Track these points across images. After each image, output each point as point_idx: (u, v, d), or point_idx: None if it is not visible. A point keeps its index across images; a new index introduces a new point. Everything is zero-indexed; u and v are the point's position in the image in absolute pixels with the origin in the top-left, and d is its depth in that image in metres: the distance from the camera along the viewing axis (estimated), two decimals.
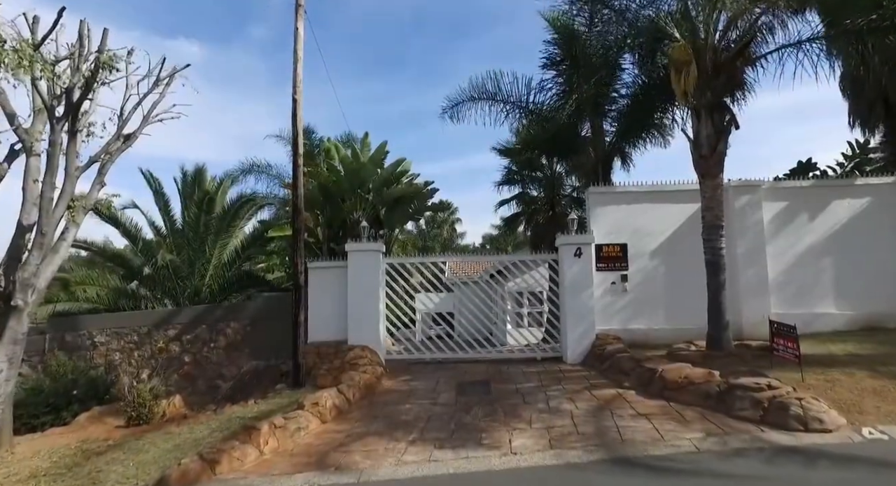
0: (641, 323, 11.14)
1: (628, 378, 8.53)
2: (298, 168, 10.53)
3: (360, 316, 11.29)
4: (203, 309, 11.83)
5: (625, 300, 11.25)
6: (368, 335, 11.22)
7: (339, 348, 11.18)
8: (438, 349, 11.87)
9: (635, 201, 11.42)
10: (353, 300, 11.35)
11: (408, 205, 12.25)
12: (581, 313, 10.96)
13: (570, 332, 10.96)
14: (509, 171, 18.33)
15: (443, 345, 12.01)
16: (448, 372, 10.84)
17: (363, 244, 11.46)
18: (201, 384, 11.30)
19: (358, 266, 11.43)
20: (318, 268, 11.81)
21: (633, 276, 11.31)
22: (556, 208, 17.63)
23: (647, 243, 11.33)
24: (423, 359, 11.88)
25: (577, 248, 11.12)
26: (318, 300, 11.71)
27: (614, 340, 10.65)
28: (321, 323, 11.62)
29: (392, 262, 11.96)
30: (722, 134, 9.09)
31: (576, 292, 11.03)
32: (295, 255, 10.50)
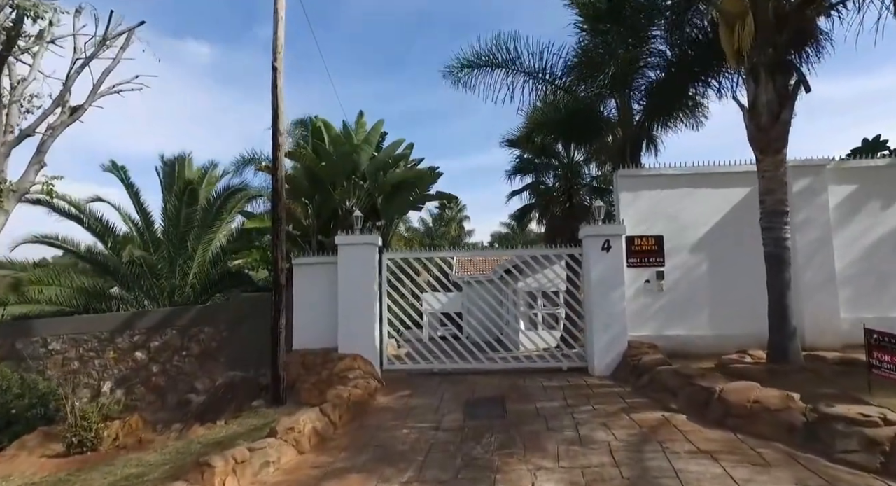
0: (680, 329, 9.51)
1: (675, 399, 6.92)
2: (279, 148, 9.02)
3: (352, 320, 9.76)
4: (172, 311, 10.37)
5: (661, 302, 9.63)
6: (362, 342, 9.69)
7: (328, 358, 9.65)
8: (448, 357, 10.34)
9: (672, 186, 9.79)
10: (343, 302, 9.83)
11: (408, 192, 10.74)
12: (610, 317, 9.35)
13: (596, 339, 9.36)
14: (521, 159, 16.73)
15: (451, 351, 10.46)
16: (455, 386, 9.29)
17: (356, 237, 9.93)
18: (171, 399, 9.84)
19: (349, 262, 9.90)
20: (304, 264, 10.30)
21: (671, 273, 9.68)
22: (573, 199, 16.03)
23: (687, 234, 9.70)
24: (426, 370, 10.33)
25: (606, 240, 9.50)
26: (304, 302, 10.21)
27: (649, 348, 9.04)
28: (308, 328, 10.12)
29: (394, 257, 10.44)
30: (787, 99, 7.44)
31: (604, 291, 9.42)
32: (275, 249, 9.00)
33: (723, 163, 9.68)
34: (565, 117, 13.67)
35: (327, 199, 10.66)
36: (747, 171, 9.21)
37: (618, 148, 11.47)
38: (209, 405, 9.36)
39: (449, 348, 10.46)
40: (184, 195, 13.00)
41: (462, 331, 27.13)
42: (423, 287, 10.69)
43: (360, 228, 10.08)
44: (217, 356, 10.10)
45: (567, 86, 12.17)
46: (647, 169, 9.98)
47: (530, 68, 11.82)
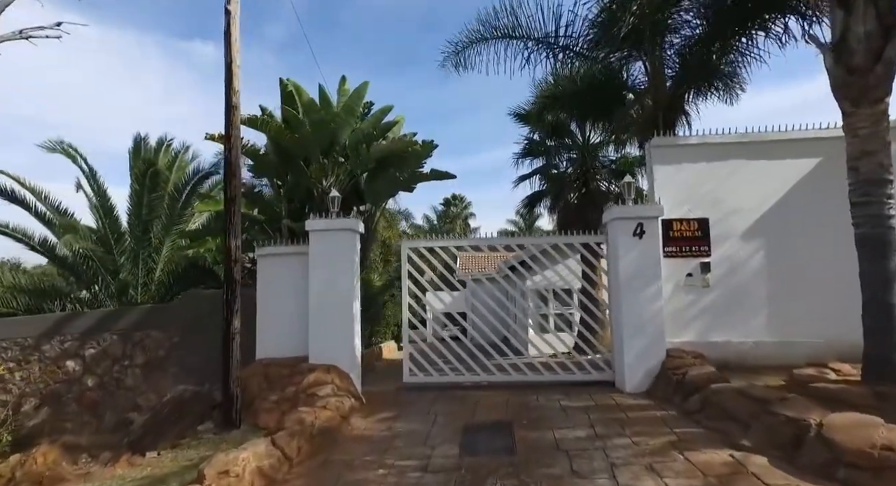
0: (731, 334, 7.66)
1: (745, 431, 5.08)
2: (233, 111, 7.28)
3: (326, 323, 8.01)
4: (112, 313, 8.63)
5: (706, 301, 7.79)
6: (337, 351, 7.94)
7: (296, 369, 7.89)
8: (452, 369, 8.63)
9: (720, 157, 7.94)
10: (315, 301, 8.07)
11: (397, 169, 8.96)
12: (644, 319, 7.52)
13: (627, 346, 7.54)
14: (530, 141, 14.88)
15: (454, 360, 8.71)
16: (451, 404, 7.50)
17: (331, 221, 8.17)
18: (109, 418, 8.12)
19: (323, 252, 8.14)
20: (270, 255, 8.55)
21: (718, 265, 7.84)
22: (590, 185, 14.16)
23: (739, 216, 7.85)
24: (421, 383, 8.58)
25: (638, 224, 7.67)
26: (269, 300, 8.46)
27: (695, 359, 7.20)
28: (274, 333, 8.38)
29: (416, 246, 8.88)
30: (894, 30, 5.57)
31: (635, 287, 7.60)
32: (228, 235, 7.25)
33: (785, 128, 7.80)
34: (583, 89, 11.87)
35: (300, 178, 8.91)
36: (818, 137, 7.38)
37: (648, 118, 9.61)
38: (151, 428, 7.63)
39: (454, 358, 8.71)
40: (144, 178, 11.28)
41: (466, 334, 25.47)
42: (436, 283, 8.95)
43: (338, 211, 8.32)
44: (166, 367, 8.37)
45: (585, 49, 10.33)
46: (689, 137, 8.13)
47: (542, 34, 10.00)
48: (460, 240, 8.87)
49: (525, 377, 8.59)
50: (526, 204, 15.19)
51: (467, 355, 8.79)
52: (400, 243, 9.01)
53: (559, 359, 8.64)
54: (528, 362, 8.70)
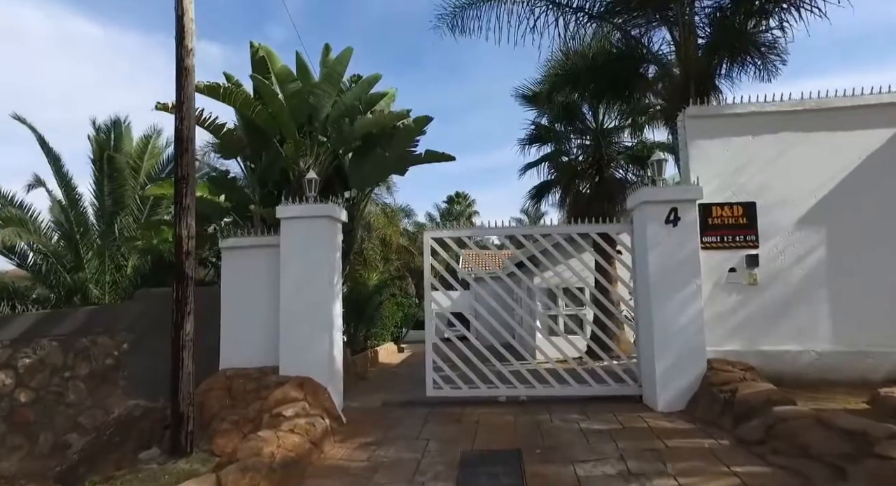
0: (787, 341, 6.34)
1: (839, 477, 3.79)
2: (186, 74, 6.05)
3: (298, 328, 6.77)
4: (51, 315, 7.36)
5: (754, 301, 6.49)
6: (311, 360, 6.70)
7: (263, 383, 6.65)
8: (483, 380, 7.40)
9: (771, 129, 6.62)
10: (287, 301, 6.84)
11: (385, 148, 7.67)
12: (679, 324, 6.24)
13: (658, 355, 6.25)
14: (538, 126, 13.57)
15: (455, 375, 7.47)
16: (447, 425, 6.24)
17: (306, 207, 6.93)
18: (45, 441, 6.89)
19: (296, 243, 6.90)
20: (236, 248, 7.31)
21: (769, 258, 6.54)
22: (604, 173, 12.87)
23: (795, 200, 6.54)
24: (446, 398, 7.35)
25: (671, 209, 6.39)
26: (235, 300, 7.23)
27: (744, 371, 5.90)
28: (241, 339, 7.14)
29: (440, 235, 7.70)
30: None
31: (669, 285, 6.32)
32: (178, 222, 6.01)
33: (853, 92, 6.46)
34: (598, 64, 10.59)
35: (274, 159, 7.66)
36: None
37: (676, 91, 8.30)
38: (90, 453, 6.40)
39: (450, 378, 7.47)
40: (101, 164, 10.08)
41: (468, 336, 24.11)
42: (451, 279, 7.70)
43: (315, 196, 7.07)
44: (114, 379, 7.13)
45: (602, 12, 9.06)
46: (733, 105, 6.81)
47: None
48: (485, 229, 7.64)
49: (536, 392, 7.31)
50: (533, 195, 13.88)
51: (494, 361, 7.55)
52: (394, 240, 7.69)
53: (575, 365, 7.35)
54: (534, 373, 7.41)
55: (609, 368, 7.43)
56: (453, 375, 7.48)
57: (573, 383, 7.29)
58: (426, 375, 7.53)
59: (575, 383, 7.29)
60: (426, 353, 7.58)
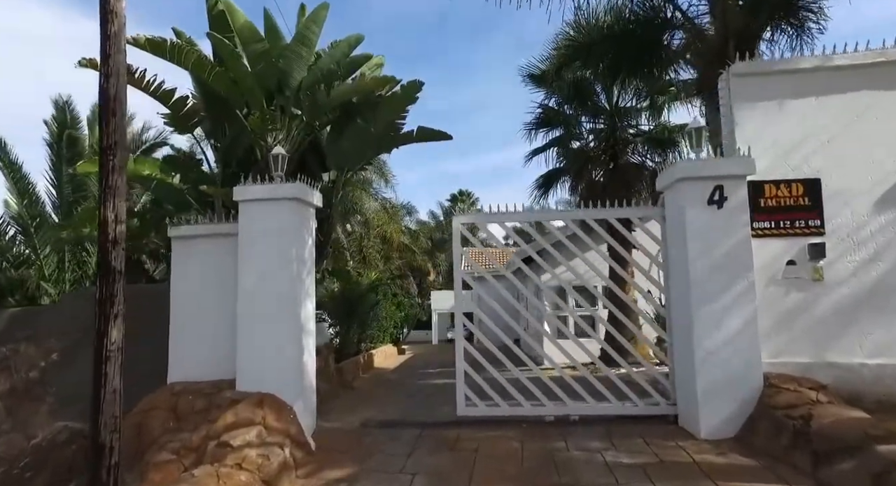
0: (867, 352, 5.07)
1: None
2: (112, 19, 4.86)
3: (259, 334, 5.58)
4: None
5: (821, 302, 5.22)
6: (274, 373, 5.51)
7: (214, 401, 5.46)
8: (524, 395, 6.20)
9: (838, 88, 5.36)
10: (246, 302, 5.65)
11: (368, 120, 6.44)
12: (726, 331, 5.01)
13: (700, 369, 5.02)
14: (545, 109, 12.30)
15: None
16: (438, 455, 5.03)
17: (270, 187, 5.74)
18: None
19: (258, 232, 5.72)
20: (188, 238, 6.13)
21: (838, 249, 5.27)
22: (619, 159, 11.60)
23: (871, 176, 5.27)
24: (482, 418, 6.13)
25: (717, 188, 5.16)
26: (187, 301, 6.06)
27: (814, 390, 4.65)
28: (193, 346, 5.98)
29: (469, 221, 6.62)
30: None
31: (713, 282, 5.09)
32: (103, 202, 4.82)
33: None
34: (615, 33, 9.39)
35: (239, 134, 6.46)
36: None
37: (711, 54, 7.03)
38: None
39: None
40: (60, 145, 8.94)
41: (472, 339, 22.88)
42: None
43: (282, 176, 5.88)
44: (40, 395, 5.96)
45: None
46: (789, 60, 5.55)
47: None
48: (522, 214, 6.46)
49: (547, 411, 6.09)
50: (540, 184, 12.61)
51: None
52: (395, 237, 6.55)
53: (587, 373, 6.11)
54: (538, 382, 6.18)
55: (629, 378, 6.21)
56: (487, 387, 6.24)
57: (589, 399, 6.06)
58: (457, 388, 6.29)
59: (591, 399, 6.07)
60: (456, 361, 6.36)
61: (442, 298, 31.21)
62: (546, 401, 6.07)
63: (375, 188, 21.89)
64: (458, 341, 6.49)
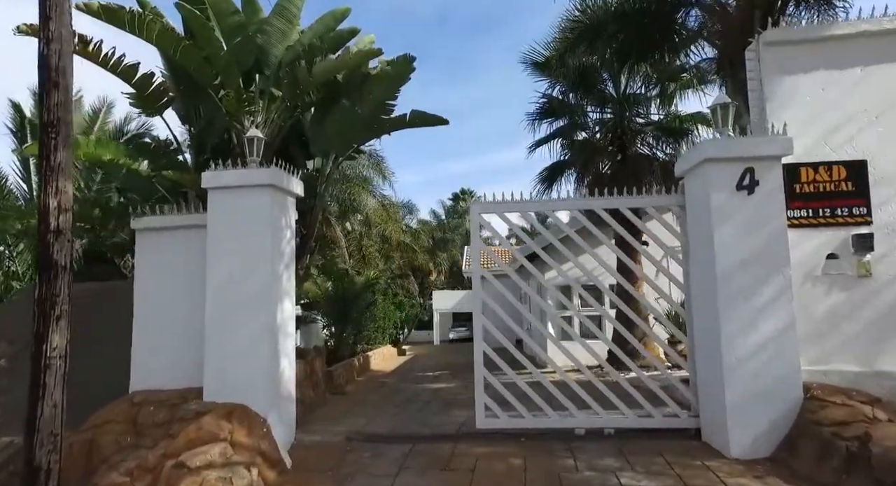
0: None
1: None
2: None
3: (229, 337, 4.97)
4: None
5: (869, 302, 4.56)
6: (245, 381, 4.90)
7: (178, 412, 4.83)
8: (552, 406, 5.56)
9: (887, 56, 4.70)
10: (214, 302, 5.05)
11: (355, 100, 5.81)
12: (759, 334, 4.37)
13: (728, 378, 4.38)
14: (549, 98, 11.64)
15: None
16: (430, 478, 4.38)
17: (242, 173, 5.13)
18: None
19: (229, 223, 5.11)
20: (153, 230, 5.52)
21: (887, 241, 4.61)
22: (628, 150, 10.94)
23: None
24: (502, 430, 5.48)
25: (747, 171, 4.52)
26: (153, 300, 5.46)
27: (866, 404, 3.99)
28: (158, 351, 5.37)
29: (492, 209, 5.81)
30: None
31: (743, 278, 4.45)
32: (43, 189, 4.22)
33: None
34: (627, 11, 8.75)
35: (213, 116, 5.87)
36: None
37: (734, 30, 6.37)
38: None
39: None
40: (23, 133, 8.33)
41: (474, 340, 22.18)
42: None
43: (259, 161, 5.26)
44: None
45: None
46: (829, 25, 4.91)
47: None
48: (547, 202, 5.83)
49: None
50: (544, 178, 11.95)
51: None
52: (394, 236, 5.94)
53: (592, 377, 5.46)
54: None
55: (639, 383, 5.58)
56: (508, 394, 5.57)
57: (599, 411, 5.42)
58: (476, 397, 5.62)
59: (602, 411, 5.42)
60: (475, 366, 5.68)
61: (444, 297, 30.64)
62: (575, 411, 5.39)
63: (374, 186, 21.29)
64: (476, 344, 5.76)
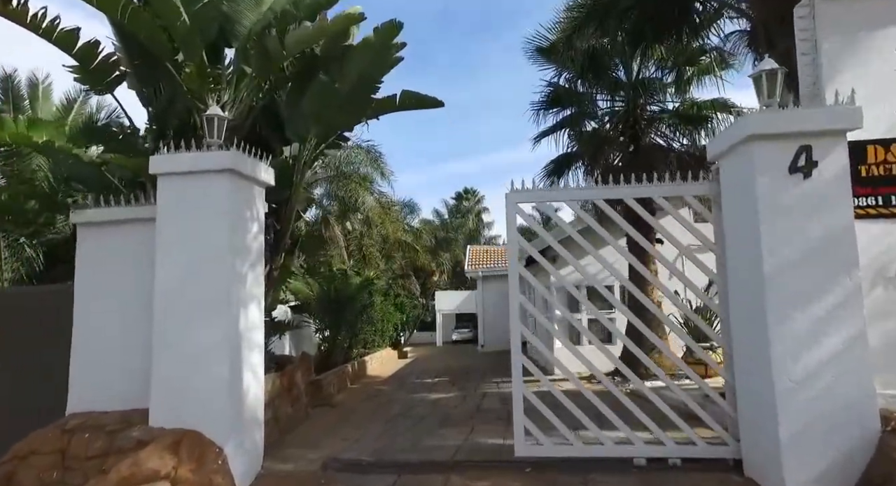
0: None
1: None
2: None
3: (179, 350, 4.19)
4: None
5: None
6: (199, 402, 4.13)
7: (116, 442, 4.04)
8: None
9: None
10: (162, 306, 4.28)
11: (335, 75, 5.01)
12: (821, 351, 3.55)
13: (783, 404, 3.55)
14: (555, 87, 10.81)
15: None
16: None
17: (193, 156, 4.35)
18: None
19: (180, 212, 4.34)
20: (96, 225, 4.75)
21: None
22: (641, 140, 10.11)
23: None
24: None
25: (802, 149, 3.69)
26: (95, 305, 4.68)
27: None
28: (100, 366, 4.60)
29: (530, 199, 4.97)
30: None
31: (798, 282, 3.63)
32: None
33: None
34: None
35: (175, 95, 5.10)
36: None
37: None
38: None
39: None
40: None
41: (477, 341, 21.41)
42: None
43: (221, 143, 4.47)
44: None
45: None
46: None
47: None
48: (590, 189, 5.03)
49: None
50: (550, 171, 11.13)
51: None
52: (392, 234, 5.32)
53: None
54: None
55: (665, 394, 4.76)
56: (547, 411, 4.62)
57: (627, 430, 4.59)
58: (514, 420, 4.63)
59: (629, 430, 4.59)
60: (514, 383, 4.69)
61: (446, 298, 30.04)
62: (632, 435, 4.51)
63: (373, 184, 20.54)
64: (514, 355, 4.71)
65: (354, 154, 17.84)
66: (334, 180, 18.59)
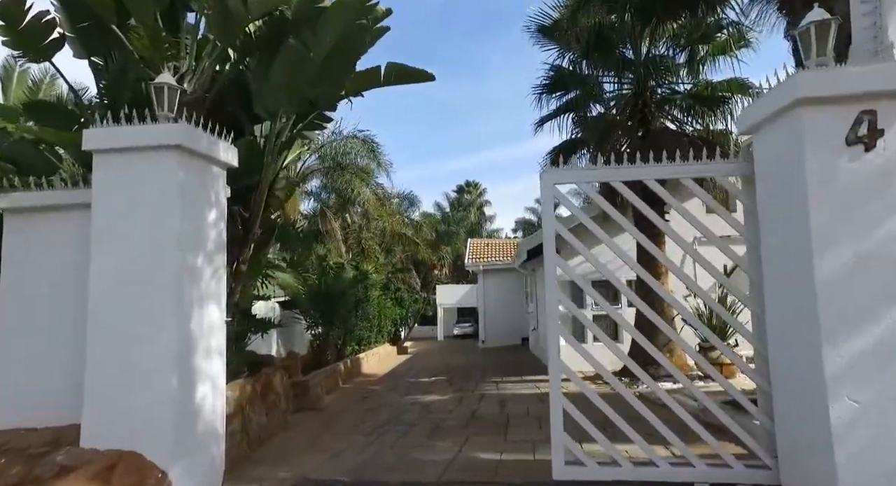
0: None
1: None
2: None
3: (115, 358, 3.55)
4: None
5: None
6: (140, 418, 3.50)
7: (38, 467, 3.42)
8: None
9: None
10: (97, 307, 3.64)
11: (308, 40, 4.36)
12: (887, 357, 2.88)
13: (843, 432, 2.89)
14: (557, 70, 10.08)
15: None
16: None
17: (135, 130, 3.71)
18: None
19: (120, 197, 3.70)
20: (26, 210, 4.11)
21: None
22: (651, 124, 9.41)
23: None
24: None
25: (863, 115, 3.02)
26: (22, 306, 4.04)
27: None
28: (28, 375, 3.96)
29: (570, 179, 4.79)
30: None
31: (859, 282, 2.96)
32: None
33: None
34: None
35: (126, 64, 4.47)
36: None
37: None
38: None
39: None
40: None
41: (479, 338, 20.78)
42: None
43: (173, 117, 3.82)
44: None
45: None
46: None
47: None
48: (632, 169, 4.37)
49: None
50: (553, 159, 10.45)
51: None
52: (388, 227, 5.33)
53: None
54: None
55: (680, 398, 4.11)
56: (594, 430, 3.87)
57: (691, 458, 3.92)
58: (552, 437, 3.87)
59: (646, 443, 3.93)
60: (551, 397, 3.93)
61: (448, 292, 29.66)
62: (689, 453, 3.80)
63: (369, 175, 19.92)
64: (552, 365, 3.99)
65: (350, 145, 17.23)
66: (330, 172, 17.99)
